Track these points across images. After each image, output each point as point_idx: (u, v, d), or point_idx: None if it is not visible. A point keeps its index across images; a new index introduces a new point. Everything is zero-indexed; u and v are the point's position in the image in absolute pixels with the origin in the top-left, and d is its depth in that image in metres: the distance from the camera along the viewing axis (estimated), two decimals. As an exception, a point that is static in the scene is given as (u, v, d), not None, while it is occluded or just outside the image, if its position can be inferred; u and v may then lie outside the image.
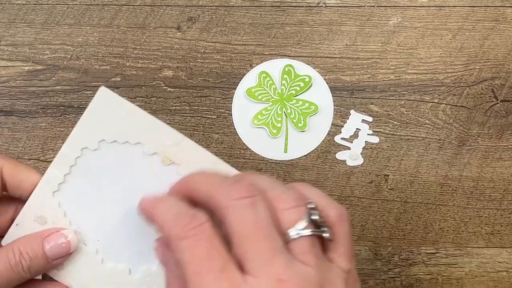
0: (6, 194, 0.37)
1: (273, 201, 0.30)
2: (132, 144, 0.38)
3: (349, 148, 0.50)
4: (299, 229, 0.30)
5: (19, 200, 0.38)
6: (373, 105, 0.50)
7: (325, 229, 0.30)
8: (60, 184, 0.37)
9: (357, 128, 0.50)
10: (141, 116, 0.37)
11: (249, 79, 0.50)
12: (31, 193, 0.37)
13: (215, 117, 0.50)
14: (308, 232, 0.29)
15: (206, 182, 0.32)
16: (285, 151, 0.50)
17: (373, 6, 0.50)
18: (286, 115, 0.50)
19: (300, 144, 0.50)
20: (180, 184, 0.34)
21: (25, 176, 0.37)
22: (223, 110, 0.50)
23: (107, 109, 0.37)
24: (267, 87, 0.49)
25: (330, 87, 0.50)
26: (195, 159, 0.37)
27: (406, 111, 0.50)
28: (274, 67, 0.50)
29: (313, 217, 0.30)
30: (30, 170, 0.37)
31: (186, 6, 0.50)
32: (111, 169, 0.38)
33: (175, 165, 0.37)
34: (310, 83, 0.49)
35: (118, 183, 0.38)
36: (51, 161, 0.50)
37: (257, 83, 0.50)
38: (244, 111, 0.50)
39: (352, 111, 0.50)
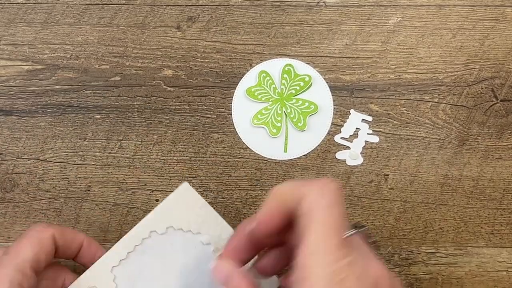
0: (55, 261, 0.42)
1: None
2: (194, 233, 0.44)
3: (349, 148, 0.50)
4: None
5: (66, 270, 0.43)
6: (373, 105, 0.50)
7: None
8: (122, 260, 0.42)
9: (357, 128, 0.50)
10: (208, 211, 0.43)
11: (249, 79, 0.50)
12: (77, 254, 0.42)
13: (215, 116, 0.50)
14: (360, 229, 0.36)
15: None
16: (285, 151, 0.50)
17: (373, 6, 0.50)
18: (286, 114, 0.50)
19: (300, 143, 0.50)
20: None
21: (72, 238, 0.42)
22: (223, 109, 0.50)
23: (183, 202, 0.43)
24: (267, 86, 0.49)
25: (330, 87, 0.50)
26: None
27: (406, 110, 0.50)
28: (274, 66, 0.50)
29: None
30: (75, 233, 0.42)
31: (185, 5, 0.50)
32: (170, 251, 0.43)
33: None
34: (310, 83, 0.49)
35: (171, 265, 0.43)
36: (50, 161, 0.50)
37: (257, 83, 0.50)
38: (244, 111, 0.50)
39: (352, 111, 0.50)
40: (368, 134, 0.50)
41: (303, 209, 0.33)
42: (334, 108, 0.50)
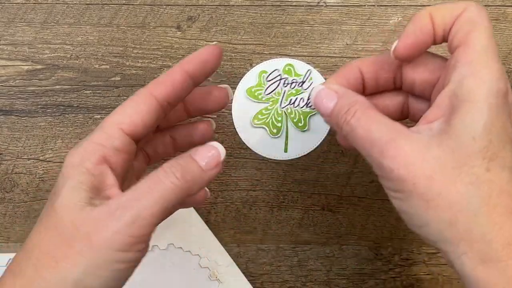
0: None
1: None
2: (193, 254, 0.47)
3: (349, 148, 0.50)
4: None
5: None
6: (373, 105, 0.50)
7: None
8: None
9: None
10: (208, 236, 0.47)
11: (249, 79, 0.50)
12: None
13: (215, 116, 0.50)
14: None
15: None
16: (285, 151, 0.50)
17: (374, 6, 0.50)
18: (286, 114, 0.49)
19: (301, 143, 0.50)
20: None
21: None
22: (223, 109, 0.50)
23: (185, 223, 0.47)
24: (267, 86, 0.49)
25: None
26: (235, 284, 0.48)
27: (406, 110, 0.50)
28: (274, 66, 0.50)
29: None
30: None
31: (186, 5, 0.50)
32: (168, 268, 0.46)
33: (218, 282, 0.47)
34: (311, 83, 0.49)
35: (167, 281, 0.46)
36: (50, 161, 0.50)
37: (257, 83, 0.49)
38: (244, 111, 0.50)
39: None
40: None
41: (464, 18, 0.33)
42: (334, 108, 0.50)
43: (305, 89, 0.49)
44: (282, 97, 0.49)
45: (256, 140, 0.50)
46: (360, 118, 0.34)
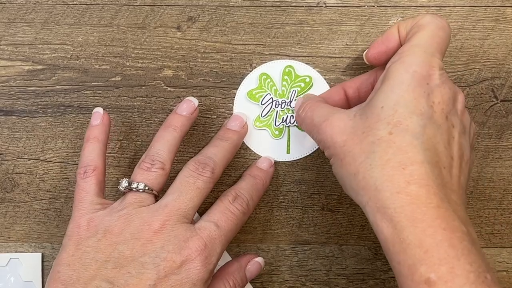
0: None
1: None
2: None
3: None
4: None
5: None
6: (373, 105, 0.50)
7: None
8: None
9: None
10: None
11: (250, 81, 0.50)
12: None
13: (215, 116, 0.50)
14: None
15: None
16: (288, 152, 0.50)
17: (373, 6, 0.50)
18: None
19: (303, 144, 0.50)
20: None
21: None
22: (223, 109, 0.50)
23: None
24: (268, 88, 0.49)
25: (330, 87, 0.50)
26: None
27: (406, 111, 0.50)
28: (275, 68, 0.50)
29: None
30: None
31: (186, 5, 0.50)
32: None
33: None
34: (311, 84, 0.49)
35: None
36: (51, 161, 0.50)
37: (258, 85, 0.49)
38: (245, 113, 0.50)
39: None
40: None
41: (417, 24, 0.40)
42: (334, 109, 0.50)
43: (293, 108, 0.49)
44: (276, 116, 0.49)
45: (258, 142, 0.50)
46: (307, 111, 0.42)
